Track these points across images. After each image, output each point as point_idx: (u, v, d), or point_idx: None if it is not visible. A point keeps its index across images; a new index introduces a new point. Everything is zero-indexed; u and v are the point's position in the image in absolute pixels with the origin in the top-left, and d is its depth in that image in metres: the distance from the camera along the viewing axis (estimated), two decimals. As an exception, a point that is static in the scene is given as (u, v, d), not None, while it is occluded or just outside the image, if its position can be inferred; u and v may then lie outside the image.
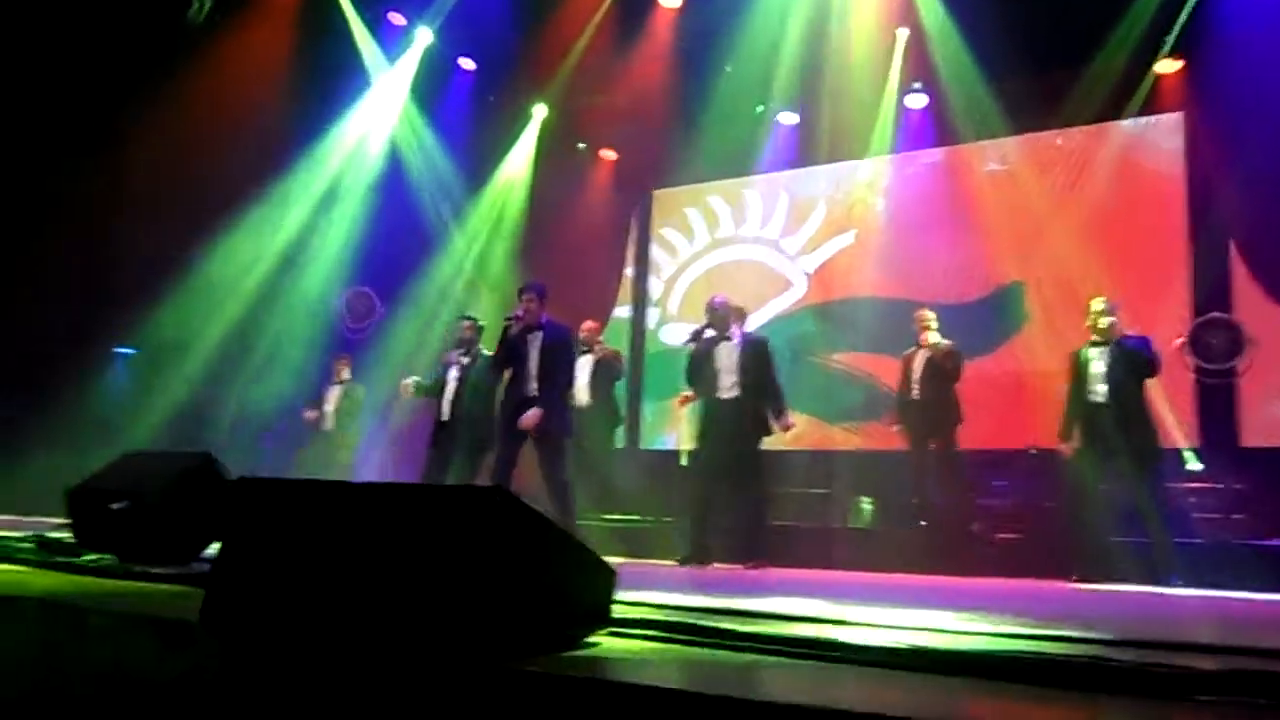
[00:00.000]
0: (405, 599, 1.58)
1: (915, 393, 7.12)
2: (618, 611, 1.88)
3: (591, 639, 1.77)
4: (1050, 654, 1.74)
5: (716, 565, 6.09)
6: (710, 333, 6.42)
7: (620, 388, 8.60)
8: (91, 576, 2.76)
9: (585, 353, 7.82)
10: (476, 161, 10.11)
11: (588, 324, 8.05)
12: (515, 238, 10.11)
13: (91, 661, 1.89)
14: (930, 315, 7.21)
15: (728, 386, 6.26)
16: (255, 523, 1.86)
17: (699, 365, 6.41)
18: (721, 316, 6.41)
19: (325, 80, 9.12)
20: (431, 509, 1.69)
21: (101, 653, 1.89)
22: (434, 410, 7.22)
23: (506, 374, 6.33)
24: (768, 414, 6.25)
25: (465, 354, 7.20)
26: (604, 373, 7.91)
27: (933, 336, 7.11)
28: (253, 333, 8.89)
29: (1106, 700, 1.46)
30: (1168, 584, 5.51)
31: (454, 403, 7.01)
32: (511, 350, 6.26)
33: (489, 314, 7.98)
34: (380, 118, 9.62)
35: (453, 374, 7.15)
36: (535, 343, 6.21)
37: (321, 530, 1.75)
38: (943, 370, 7.05)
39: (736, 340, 6.36)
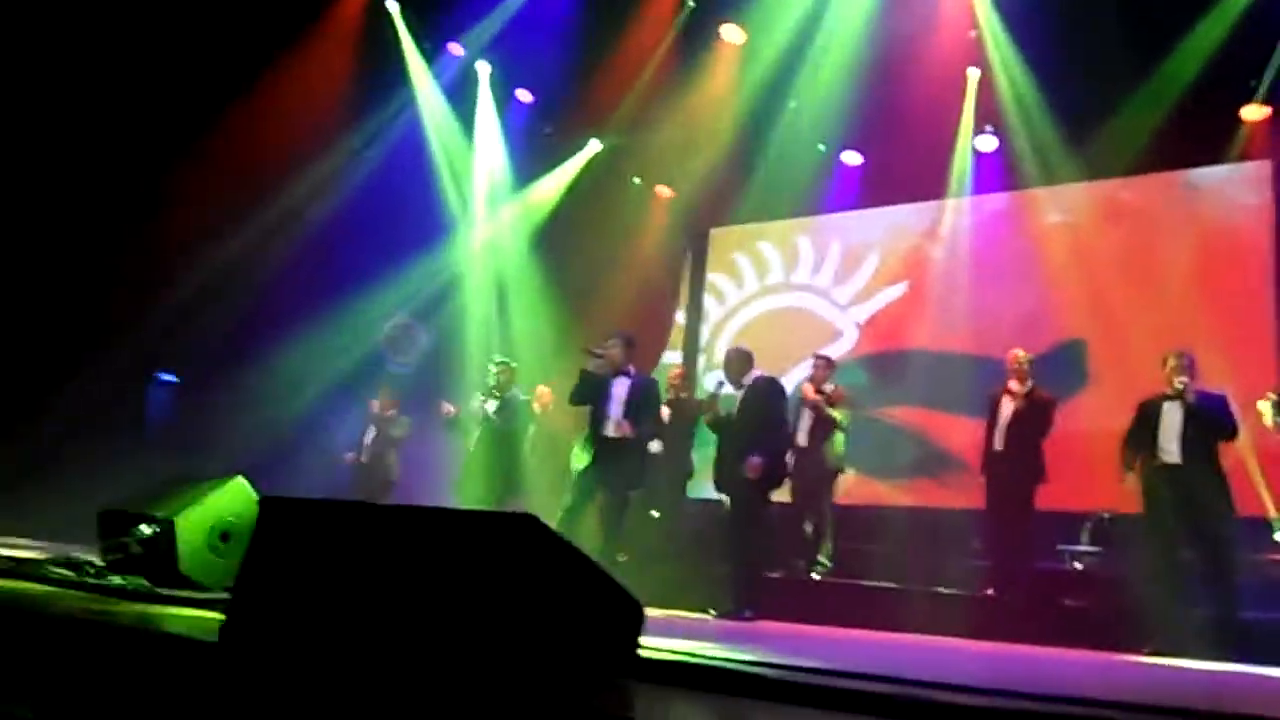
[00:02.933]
0: (428, 624, 1.53)
1: (999, 444, 6.60)
2: (647, 654, 1.77)
3: (620, 681, 1.65)
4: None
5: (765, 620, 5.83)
6: (724, 384, 6.35)
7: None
8: (119, 598, 2.74)
9: (666, 401, 7.70)
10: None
11: (675, 371, 8.02)
12: (559, 272, 9.93)
13: (112, 680, 1.84)
14: (1024, 357, 6.72)
15: (733, 436, 6.13)
16: (280, 543, 1.82)
17: (716, 420, 6.35)
18: (733, 365, 6.29)
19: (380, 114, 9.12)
20: (459, 535, 1.60)
21: (123, 671, 1.84)
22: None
23: (577, 416, 6.37)
24: (772, 463, 6.02)
25: (496, 397, 7.35)
26: (679, 420, 7.77)
27: (1023, 383, 6.63)
28: (308, 361, 8.78)
29: None
30: (1225, 659, 5.11)
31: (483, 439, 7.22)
32: (593, 390, 6.30)
33: (520, 348, 7.90)
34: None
35: (485, 410, 7.37)
36: (623, 387, 6.27)
37: (347, 552, 1.70)
38: (1034, 421, 6.56)
39: (745, 388, 6.20)
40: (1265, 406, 7.02)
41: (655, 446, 6.28)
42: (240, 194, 8.18)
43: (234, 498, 3.46)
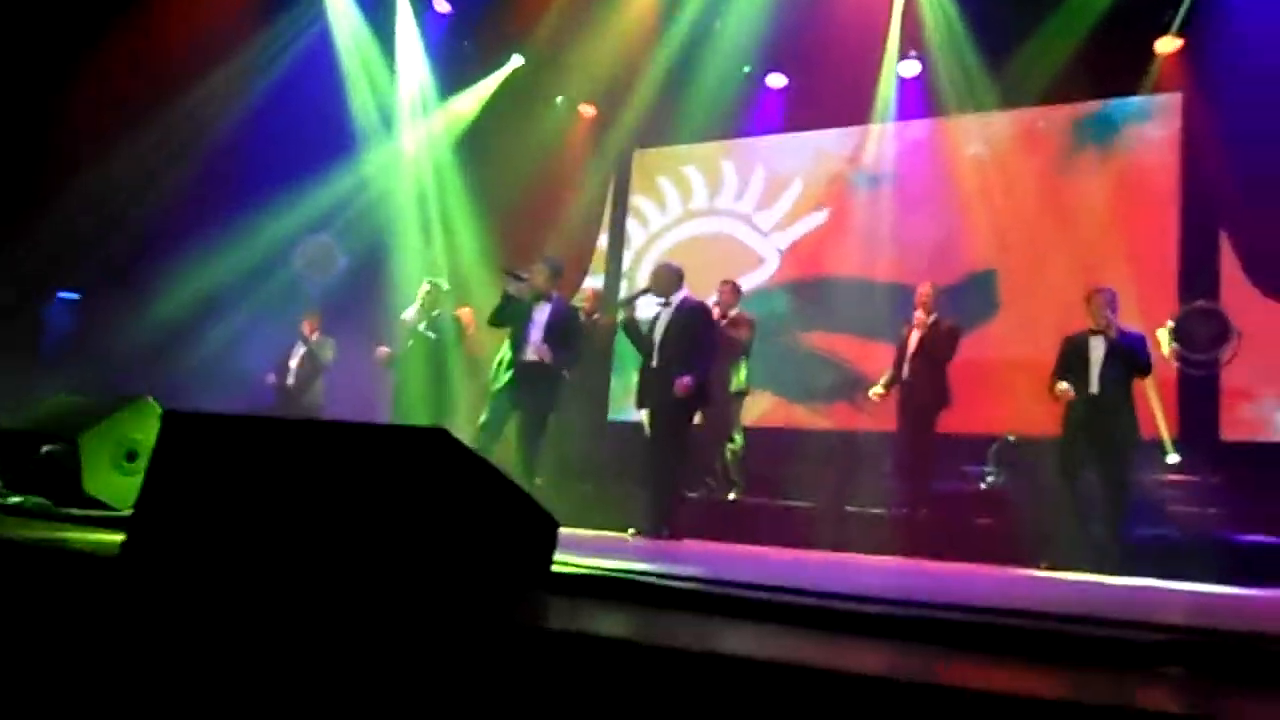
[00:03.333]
0: (338, 541, 1.50)
1: (906, 372, 6.92)
2: (563, 569, 1.78)
3: (532, 593, 1.66)
4: (1014, 626, 1.65)
5: (687, 540, 5.93)
6: (652, 299, 6.28)
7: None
8: (20, 517, 2.66)
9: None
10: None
11: (589, 290, 7.99)
12: (481, 190, 9.73)
13: (11, 599, 1.79)
14: (928, 289, 6.98)
15: (657, 355, 6.12)
16: (184, 459, 1.75)
17: (639, 334, 6.30)
18: (664, 282, 6.21)
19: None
20: (370, 449, 1.57)
21: (22, 590, 1.79)
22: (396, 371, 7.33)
23: (501, 337, 6.29)
24: (700, 383, 6.02)
25: (424, 317, 7.25)
26: (597, 343, 7.97)
27: (929, 314, 6.91)
28: (211, 280, 8.48)
29: (1070, 670, 1.39)
30: (1115, 573, 5.47)
31: (414, 361, 7.14)
32: (514, 313, 6.23)
33: (440, 269, 7.78)
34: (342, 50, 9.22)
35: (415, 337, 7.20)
36: (544, 313, 6.25)
37: (254, 468, 1.65)
38: (938, 349, 6.85)
39: (674, 306, 6.17)
40: (1163, 335, 7.33)
41: (548, 354, 6.23)
42: (138, 105, 7.77)
43: (142, 417, 3.37)
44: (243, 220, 8.30)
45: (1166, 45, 8.00)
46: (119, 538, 1.95)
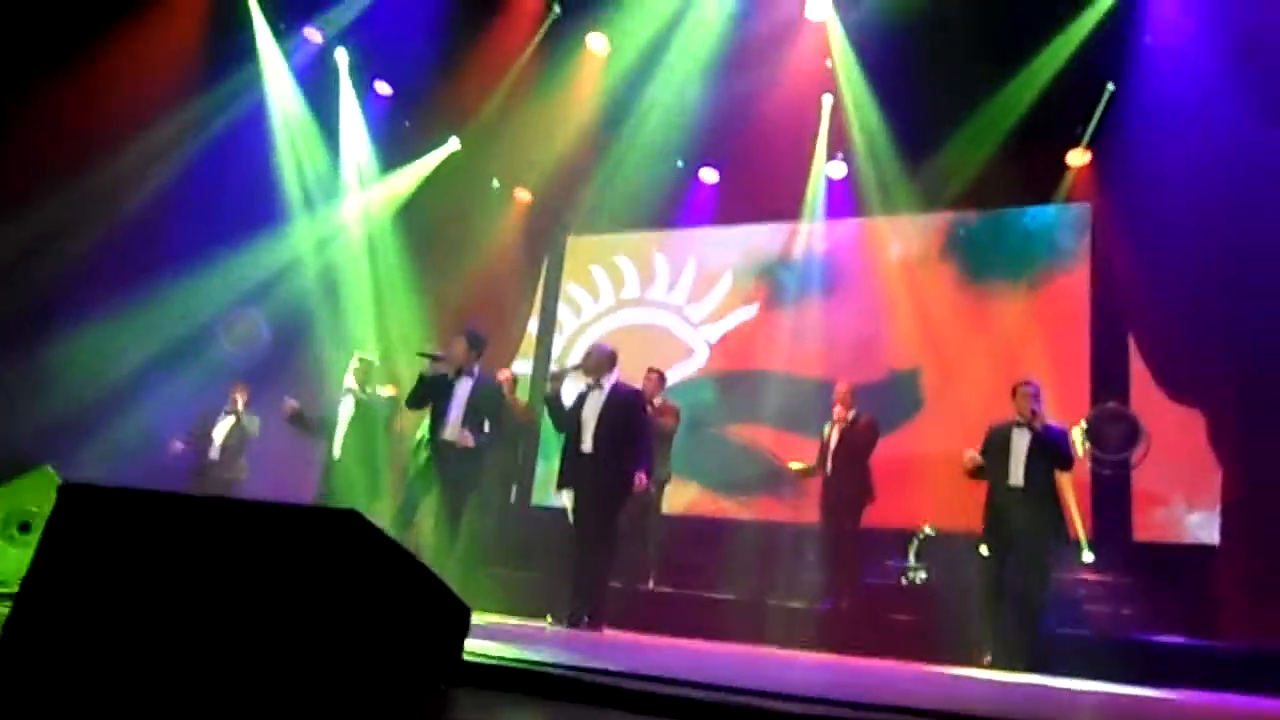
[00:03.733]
0: (241, 625, 1.42)
1: (828, 466, 7.01)
2: (476, 659, 1.73)
3: (443, 687, 1.58)
4: None
5: (606, 629, 5.81)
6: (579, 377, 6.18)
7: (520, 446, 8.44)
8: None
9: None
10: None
11: (504, 373, 7.87)
12: (414, 268, 9.68)
13: None
14: (845, 388, 7.14)
15: (589, 439, 5.95)
16: (80, 534, 1.66)
17: (562, 412, 6.13)
18: (596, 363, 6.09)
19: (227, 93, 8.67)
20: (277, 529, 1.50)
21: None
22: (323, 448, 7.02)
23: (424, 415, 6.14)
24: (626, 469, 5.93)
25: (356, 393, 7.05)
26: (514, 428, 7.85)
27: (847, 410, 7.06)
28: (130, 347, 8.22)
29: None
30: (1031, 671, 5.51)
31: (345, 440, 6.84)
32: (434, 390, 6.08)
33: (364, 345, 7.67)
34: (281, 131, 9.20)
35: (344, 411, 6.98)
36: (465, 389, 6.09)
37: (155, 545, 1.57)
38: (857, 444, 6.97)
39: (606, 390, 6.04)
40: (1077, 434, 7.54)
41: (469, 439, 6.06)
42: (57, 163, 7.60)
43: (38, 487, 3.25)
44: (162, 288, 8.10)
45: (1077, 158, 8.41)
46: (3, 610, 1.84)
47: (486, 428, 6.21)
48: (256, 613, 1.41)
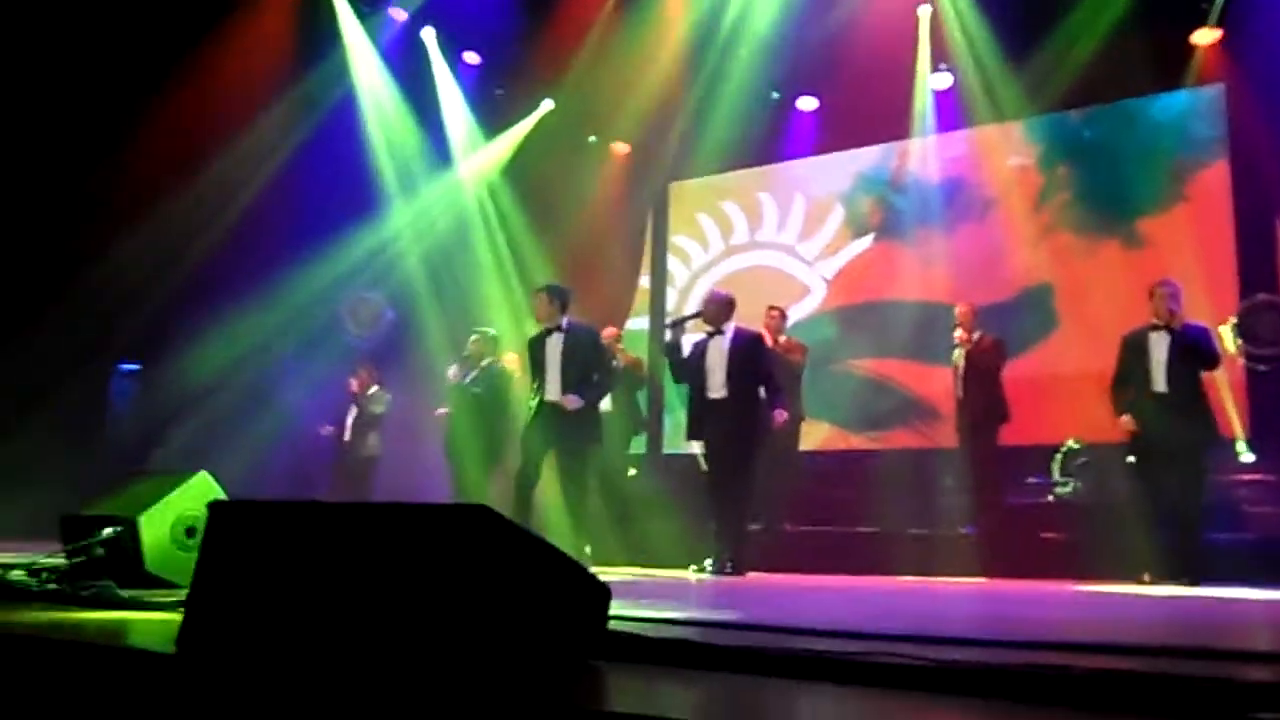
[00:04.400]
0: (390, 623, 1.49)
1: (959, 390, 6.86)
2: (626, 628, 1.76)
3: (588, 663, 1.61)
4: (1082, 667, 1.54)
5: (751, 574, 5.85)
6: (699, 325, 6.13)
7: (641, 398, 8.45)
8: (83, 606, 2.68)
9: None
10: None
11: (609, 330, 7.96)
12: (520, 235, 9.78)
13: (74, 695, 1.78)
14: (966, 310, 6.92)
15: (717, 385, 5.95)
16: (231, 547, 1.77)
17: (684, 361, 6.09)
18: (715, 310, 6.08)
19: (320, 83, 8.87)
20: (413, 529, 1.56)
21: (85, 686, 1.77)
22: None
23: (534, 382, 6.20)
24: (759, 413, 5.97)
25: (473, 369, 7.34)
26: (626, 381, 7.88)
27: (969, 332, 6.84)
28: (263, 342, 8.61)
29: None
30: (1193, 584, 5.29)
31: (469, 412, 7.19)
32: (533, 357, 6.17)
33: (500, 315, 7.80)
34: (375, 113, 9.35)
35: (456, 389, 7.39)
36: (557, 346, 6.04)
37: (301, 553, 1.66)
38: (985, 365, 6.77)
39: (729, 336, 6.03)
40: (1226, 332, 7.11)
41: (574, 403, 5.94)
42: (175, 171, 7.95)
43: (198, 493, 3.43)
44: (283, 283, 8.41)
45: (1205, 37, 7.81)
46: (178, 617, 1.95)
47: (595, 379, 6.15)
48: (401, 611, 1.47)
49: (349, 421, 8.43)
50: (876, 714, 1.33)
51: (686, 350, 6.13)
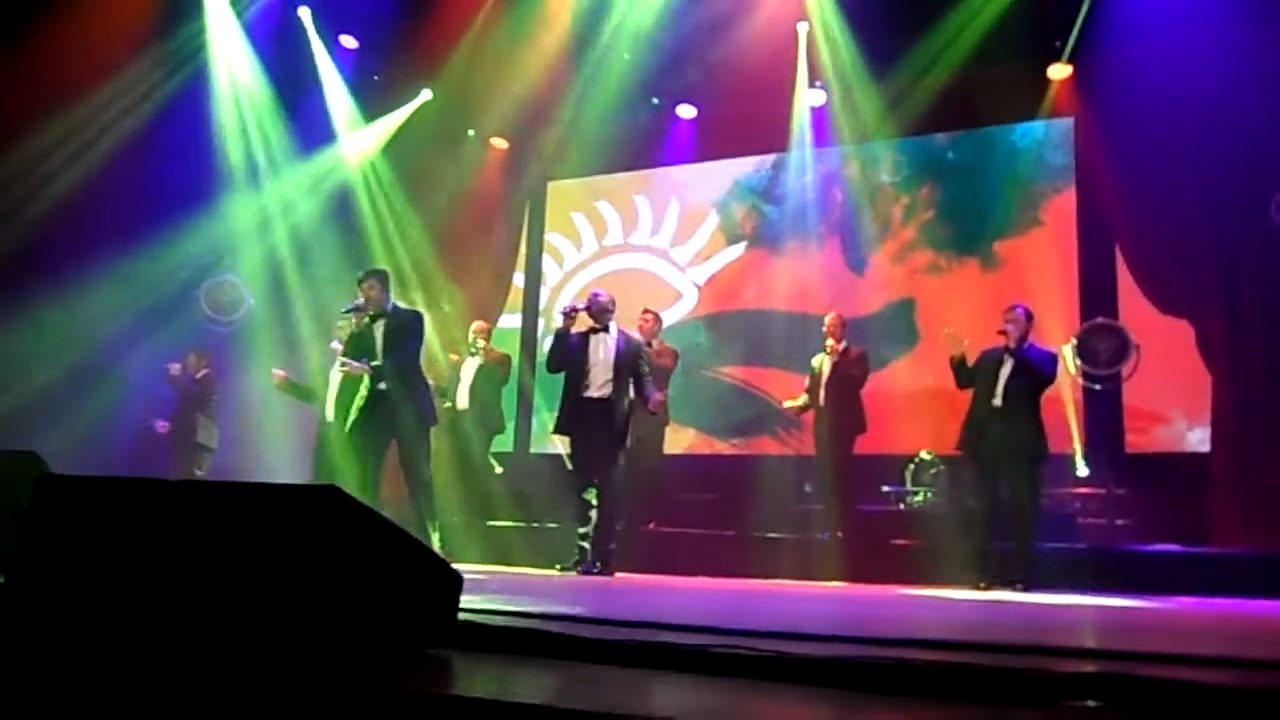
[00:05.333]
0: (228, 606, 1.44)
1: (822, 399, 7.00)
2: (477, 620, 1.76)
3: (436, 652, 1.59)
4: (908, 660, 1.65)
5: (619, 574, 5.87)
6: (584, 323, 6.16)
7: (507, 393, 8.39)
8: None
9: (472, 354, 7.85)
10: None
11: (478, 324, 7.90)
12: (392, 225, 9.54)
13: None
14: (836, 320, 7.10)
15: (598, 384, 5.98)
16: (59, 523, 1.67)
17: (565, 354, 6.07)
18: (600, 309, 6.14)
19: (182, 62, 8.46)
20: (258, 510, 1.51)
21: None
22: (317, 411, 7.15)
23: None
24: (632, 415, 6.10)
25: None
26: (488, 376, 7.84)
27: (838, 342, 7.02)
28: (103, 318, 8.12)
29: (964, 708, 1.40)
30: (1025, 589, 5.61)
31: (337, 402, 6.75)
32: (361, 343, 5.94)
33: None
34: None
35: (334, 374, 6.92)
36: (379, 329, 5.86)
37: (135, 532, 1.57)
38: (848, 375, 6.96)
39: (614, 336, 6.09)
40: (1067, 352, 7.55)
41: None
42: (14, 130, 7.42)
43: (27, 474, 3.23)
44: (125, 260, 7.96)
45: (1058, 72, 8.28)
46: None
47: (396, 359, 5.82)
48: (238, 590, 1.43)
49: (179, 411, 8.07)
50: (733, 701, 1.35)
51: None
